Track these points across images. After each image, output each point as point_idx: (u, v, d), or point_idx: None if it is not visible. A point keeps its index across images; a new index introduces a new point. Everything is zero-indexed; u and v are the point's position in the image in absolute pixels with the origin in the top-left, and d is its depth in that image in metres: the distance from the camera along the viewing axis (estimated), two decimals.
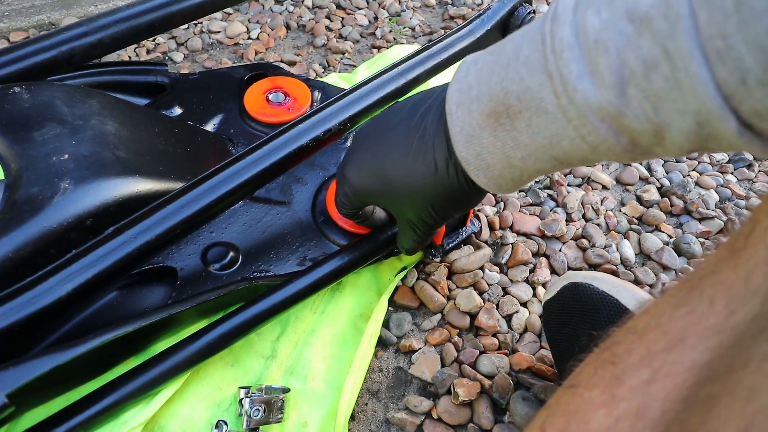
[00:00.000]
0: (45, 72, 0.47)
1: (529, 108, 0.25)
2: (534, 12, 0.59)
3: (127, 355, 0.38)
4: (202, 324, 0.42)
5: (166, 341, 0.40)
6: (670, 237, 0.60)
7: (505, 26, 0.58)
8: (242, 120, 0.57)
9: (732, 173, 0.70)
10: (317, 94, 0.60)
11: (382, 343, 0.49)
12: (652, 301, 0.25)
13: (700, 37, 0.18)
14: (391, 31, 1.25)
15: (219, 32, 1.13)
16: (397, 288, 0.52)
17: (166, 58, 0.99)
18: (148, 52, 0.99)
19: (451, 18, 1.33)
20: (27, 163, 0.36)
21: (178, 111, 0.56)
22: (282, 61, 1.10)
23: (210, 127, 0.56)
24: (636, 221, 0.62)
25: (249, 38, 1.21)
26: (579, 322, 0.38)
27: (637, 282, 0.55)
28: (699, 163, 0.71)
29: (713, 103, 0.19)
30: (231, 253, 0.44)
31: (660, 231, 0.61)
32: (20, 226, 0.33)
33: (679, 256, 0.58)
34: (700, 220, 0.62)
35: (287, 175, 0.52)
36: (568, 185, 0.65)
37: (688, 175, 0.68)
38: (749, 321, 0.19)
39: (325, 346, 0.45)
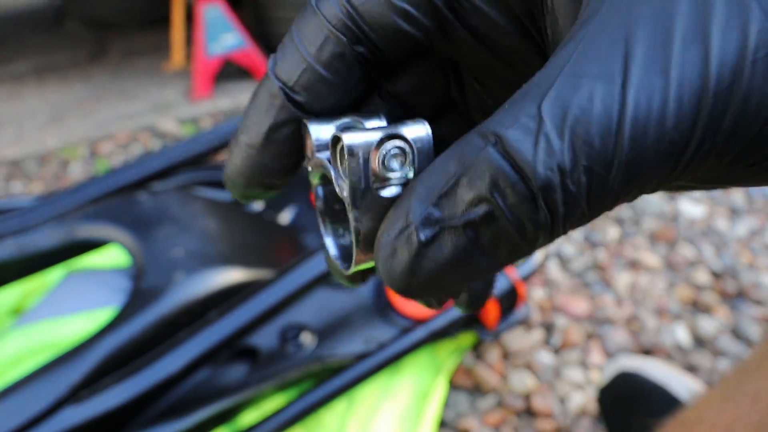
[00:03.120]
0: (158, 176, 0.57)
1: None
2: None
3: (217, 424, 0.43)
4: (277, 396, 0.47)
5: (248, 412, 0.45)
6: (725, 321, 0.61)
7: None
8: (311, 209, 0.65)
9: None
10: None
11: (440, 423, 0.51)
12: (704, 394, 0.27)
13: None
14: None
15: None
16: None
17: None
18: None
19: None
20: (150, 256, 0.44)
21: (259, 204, 0.65)
22: None
23: (286, 215, 0.64)
24: (688, 304, 0.63)
25: None
26: (633, 411, 0.40)
27: (692, 368, 0.56)
28: (750, 244, 0.72)
29: None
30: (305, 334, 0.49)
31: (714, 314, 0.61)
32: (144, 311, 0.40)
33: (736, 340, 0.58)
34: (756, 303, 0.62)
35: None
36: (616, 267, 0.68)
37: (739, 257, 0.69)
38: None
39: (390, 425, 0.48)
